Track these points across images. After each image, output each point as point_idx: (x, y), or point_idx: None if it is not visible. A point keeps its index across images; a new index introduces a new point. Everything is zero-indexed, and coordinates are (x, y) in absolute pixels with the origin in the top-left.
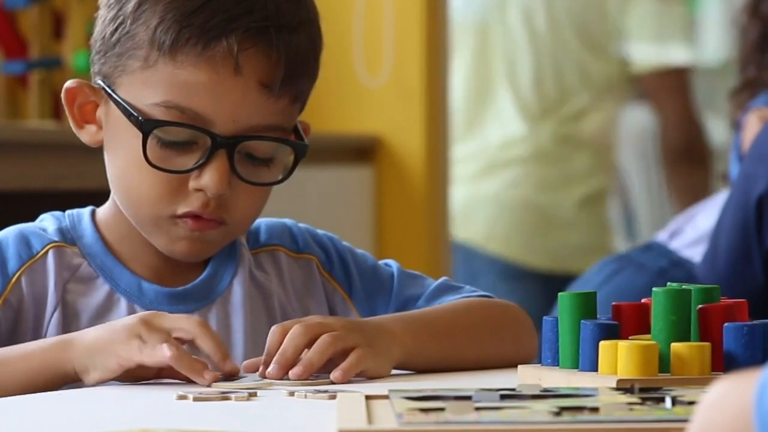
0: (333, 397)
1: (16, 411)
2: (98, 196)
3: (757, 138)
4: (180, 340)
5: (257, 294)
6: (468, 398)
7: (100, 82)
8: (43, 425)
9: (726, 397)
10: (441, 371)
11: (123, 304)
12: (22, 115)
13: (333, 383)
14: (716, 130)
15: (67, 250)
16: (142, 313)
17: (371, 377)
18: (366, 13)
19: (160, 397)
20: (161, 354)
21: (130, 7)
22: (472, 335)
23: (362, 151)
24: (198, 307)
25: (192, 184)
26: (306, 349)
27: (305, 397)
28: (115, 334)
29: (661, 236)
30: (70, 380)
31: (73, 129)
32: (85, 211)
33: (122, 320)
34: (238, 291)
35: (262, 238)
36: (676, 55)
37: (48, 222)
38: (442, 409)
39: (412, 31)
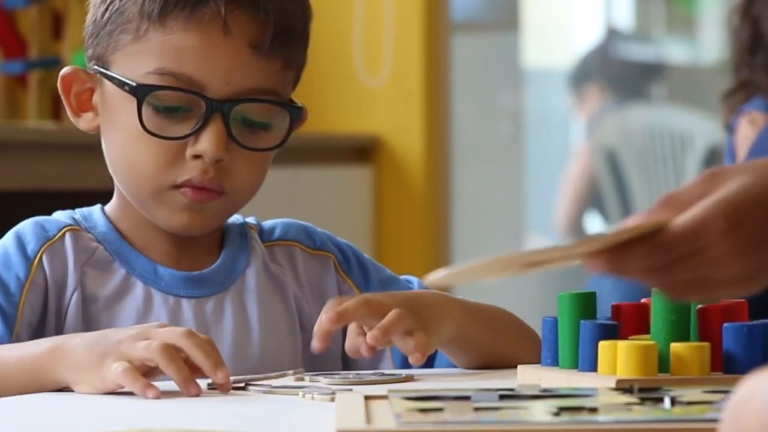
0: (333, 399)
1: (16, 411)
2: (98, 196)
3: (757, 140)
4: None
5: (271, 284)
6: (467, 398)
7: (93, 66)
8: (43, 425)
9: (753, 393)
10: (481, 361)
11: (139, 286)
12: (22, 115)
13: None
14: (715, 130)
15: (83, 234)
16: (132, 330)
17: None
18: (366, 13)
19: (161, 397)
20: (132, 379)
21: None
22: (513, 333)
23: (362, 151)
24: (214, 291)
25: (189, 151)
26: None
27: (312, 398)
28: (101, 357)
29: None
30: (61, 387)
31: (71, 117)
32: (95, 208)
33: (112, 336)
34: (252, 279)
35: (276, 233)
36: None
37: (60, 214)
38: (440, 410)
39: (412, 31)
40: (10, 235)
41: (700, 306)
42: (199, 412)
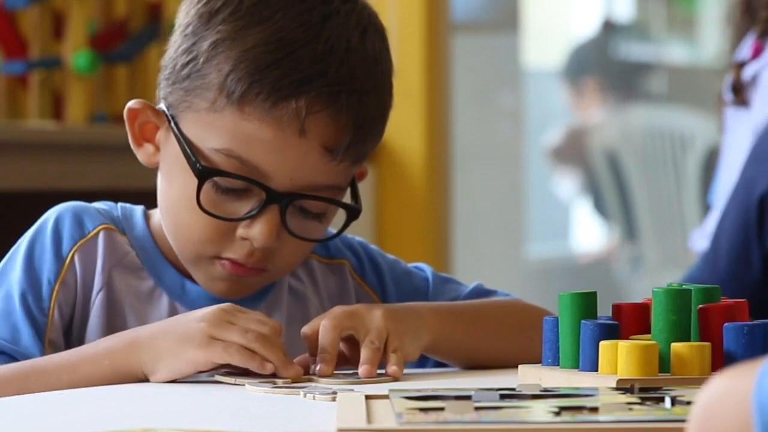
0: (334, 398)
1: (16, 411)
2: (98, 196)
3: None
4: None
5: (295, 302)
6: (468, 398)
7: (164, 108)
8: (43, 425)
9: (726, 391)
10: (467, 361)
11: (165, 300)
12: (22, 115)
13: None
14: (715, 130)
15: (117, 236)
16: (213, 310)
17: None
18: None
19: (161, 396)
20: (224, 358)
21: (205, 45)
22: (502, 329)
23: None
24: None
25: (240, 232)
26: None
27: (314, 398)
28: (183, 340)
29: None
30: (137, 380)
31: (132, 146)
32: (137, 208)
33: (190, 319)
34: (277, 302)
35: None
36: None
37: (103, 205)
38: (441, 409)
39: (414, 32)
40: (48, 226)
41: (700, 306)
42: (200, 412)
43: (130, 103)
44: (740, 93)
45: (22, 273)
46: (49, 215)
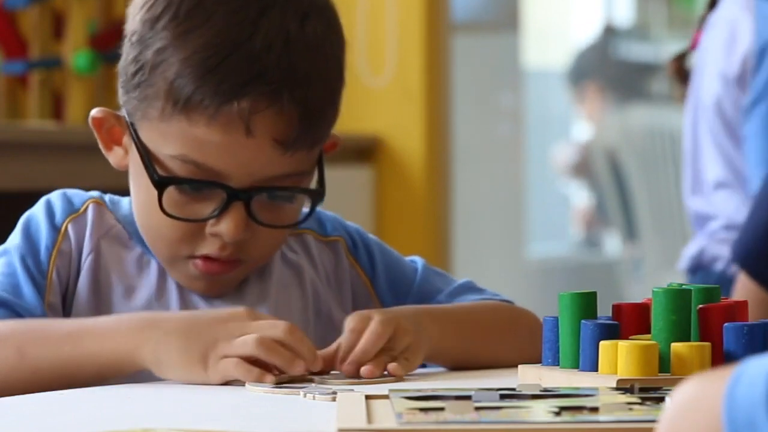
0: (335, 398)
1: (16, 411)
2: None
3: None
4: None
5: (289, 271)
6: (468, 398)
7: (125, 115)
8: (43, 425)
9: (697, 397)
10: (461, 367)
11: (153, 265)
12: (22, 115)
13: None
14: None
15: (105, 210)
16: (223, 321)
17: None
18: (369, 13)
19: (161, 397)
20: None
21: (150, 53)
22: (496, 334)
23: (363, 151)
24: None
25: (209, 229)
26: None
27: (314, 398)
28: (201, 360)
29: None
30: (136, 368)
31: (103, 151)
32: (125, 198)
33: (206, 335)
34: (270, 267)
35: None
36: None
37: (88, 192)
38: (441, 409)
39: (415, 32)
40: (40, 204)
41: (700, 306)
42: (200, 412)
43: (93, 112)
44: (685, 81)
45: (21, 241)
46: (40, 201)
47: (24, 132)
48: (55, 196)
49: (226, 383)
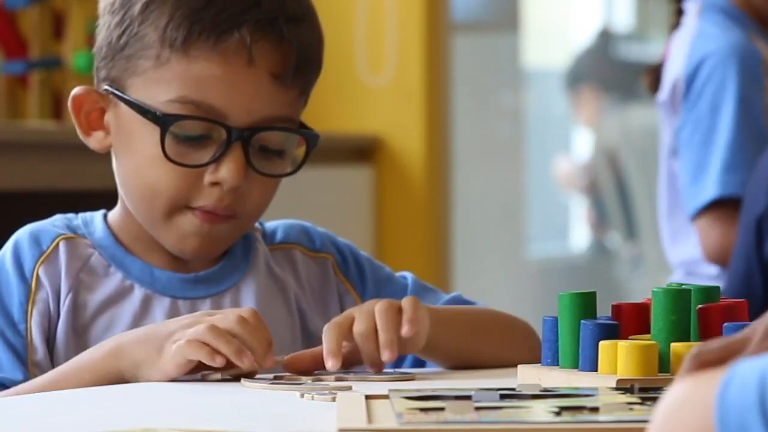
0: (334, 398)
1: (16, 411)
2: (98, 196)
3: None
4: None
5: (273, 286)
6: (468, 398)
7: (107, 87)
8: (43, 425)
9: (688, 398)
10: (455, 365)
11: (136, 290)
12: (22, 115)
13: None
14: None
15: (78, 241)
16: (183, 320)
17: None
18: (368, 13)
19: (161, 397)
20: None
21: (136, 9)
22: (491, 331)
23: (363, 151)
24: (211, 293)
25: (208, 177)
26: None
27: (313, 398)
28: (158, 351)
29: None
30: (124, 382)
31: (80, 136)
32: (97, 213)
33: (163, 330)
34: (251, 281)
35: (278, 236)
36: None
37: (59, 220)
38: (441, 409)
39: (415, 31)
40: (7, 253)
41: (700, 306)
42: (200, 412)
43: (74, 91)
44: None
45: None
46: (6, 247)
47: (24, 132)
48: (22, 239)
49: (225, 382)
